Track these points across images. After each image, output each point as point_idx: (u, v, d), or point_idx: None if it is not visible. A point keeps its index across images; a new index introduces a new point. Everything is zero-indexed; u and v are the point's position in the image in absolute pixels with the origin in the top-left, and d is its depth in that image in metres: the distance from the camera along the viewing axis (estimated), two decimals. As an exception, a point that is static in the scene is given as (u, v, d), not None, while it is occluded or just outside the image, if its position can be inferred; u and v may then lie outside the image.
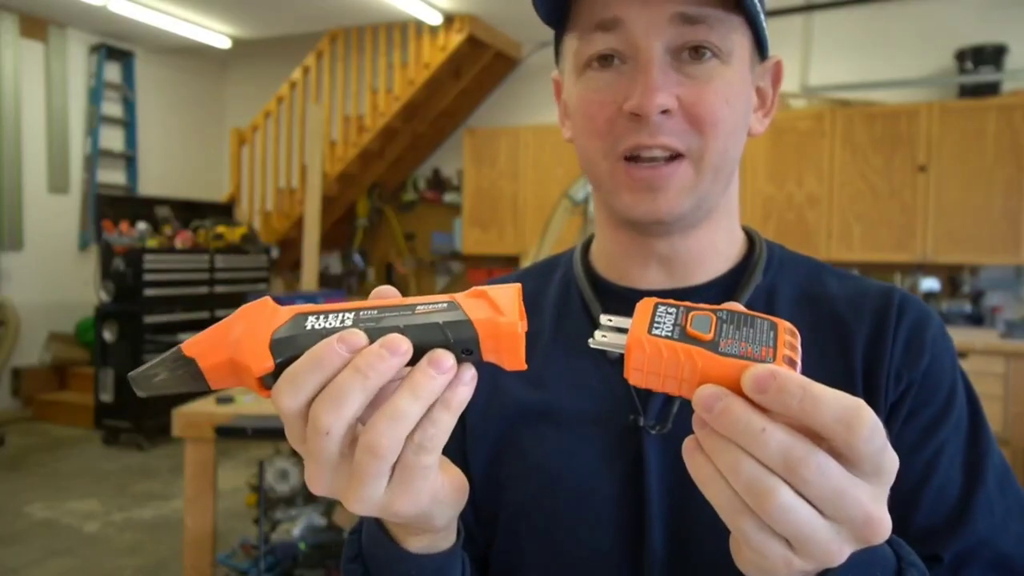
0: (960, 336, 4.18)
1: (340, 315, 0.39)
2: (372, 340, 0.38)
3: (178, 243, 5.53)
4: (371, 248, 6.82)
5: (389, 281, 6.73)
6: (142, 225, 5.42)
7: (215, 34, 6.21)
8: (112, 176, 6.54)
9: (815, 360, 0.62)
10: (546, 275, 0.76)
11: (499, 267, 6.16)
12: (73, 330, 6.07)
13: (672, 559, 0.61)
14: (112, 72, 6.54)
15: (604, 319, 0.42)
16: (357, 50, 6.00)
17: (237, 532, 3.32)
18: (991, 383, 4.00)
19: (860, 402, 0.35)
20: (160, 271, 5.27)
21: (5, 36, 5.66)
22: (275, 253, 6.21)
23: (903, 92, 4.92)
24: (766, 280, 0.68)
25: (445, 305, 0.40)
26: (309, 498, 2.88)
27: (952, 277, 4.85)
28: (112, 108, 6.54)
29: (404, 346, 0.38)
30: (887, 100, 4.89)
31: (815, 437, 0.36)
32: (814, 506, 0.36)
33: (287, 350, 0.39)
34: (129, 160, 6.68)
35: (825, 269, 0.71)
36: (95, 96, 6.33)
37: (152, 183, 6.71)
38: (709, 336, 0.38)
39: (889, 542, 0.48)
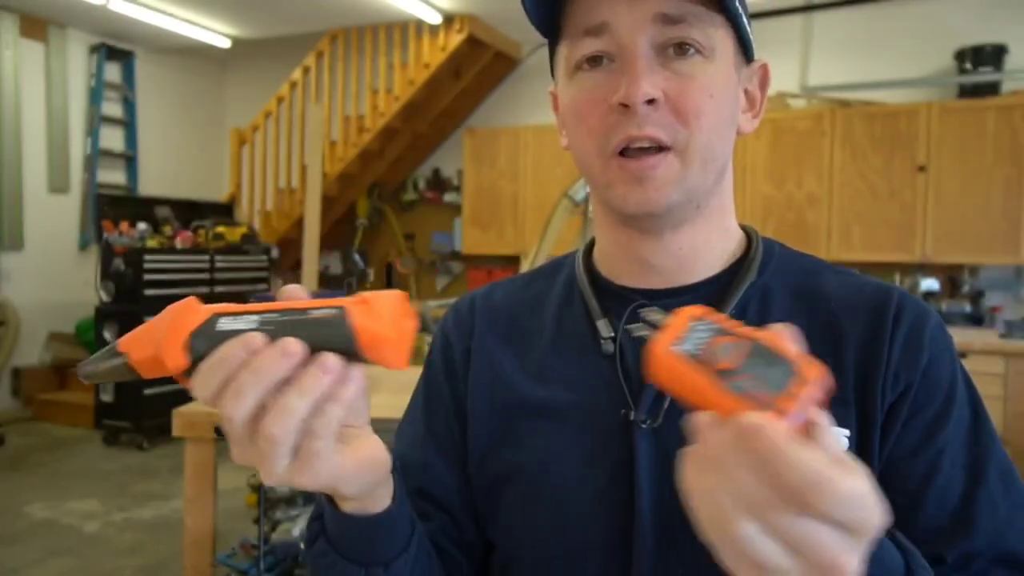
0: (960, 336, 4.17)
1: (247, 318, 0.45)
2: (271, 342, 0.44)
3: (178, 243, 5.53)
4: (371, 248, 6.82)
5: (389, 281, 6.75)
6: (142, 225, 5.42)
7: (215, 34, 6.21)
8: (112, 176, 6.54)
9: None
10: (552, 276, 0.79)
11: (499, 267, 6.16)
12: (73, 330, 6.07)
13: (660, 551, 0.63)
14: (112, 72, 6.53)
15: (646, 312, 0.45)
16: (357, 50, 6.00)
17: (237, 532, 3.32)
18: (991, 383, 4.00)
19: (833, 475, 0.36)
20: (160, 271, 5.27)
21: (5, 36, 5.66)
22: (275, 253, 6.21)
23: (903, 92, 4.92)
24: (762, 278, 0.69)
25: (335, 311, 0.45)
26: (309, 498, 2.88)
27: (952, 277, 4.85)
28: (112, 108, 6.54)
29: (294, 349, 0.43)
30: (887, 100, 4.89)
31: None
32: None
33: (199, 349, 0.45)
34: (129, 160, 6.68)
35: (825, 268, 0.72)
36: (95, 96, 6.33)
37: (152, 183, 6.70)
38: (727, 365, 0.39)
39: (900, 547, 0.49)
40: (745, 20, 0.65)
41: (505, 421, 0.71)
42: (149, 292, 5.19)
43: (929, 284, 4.83)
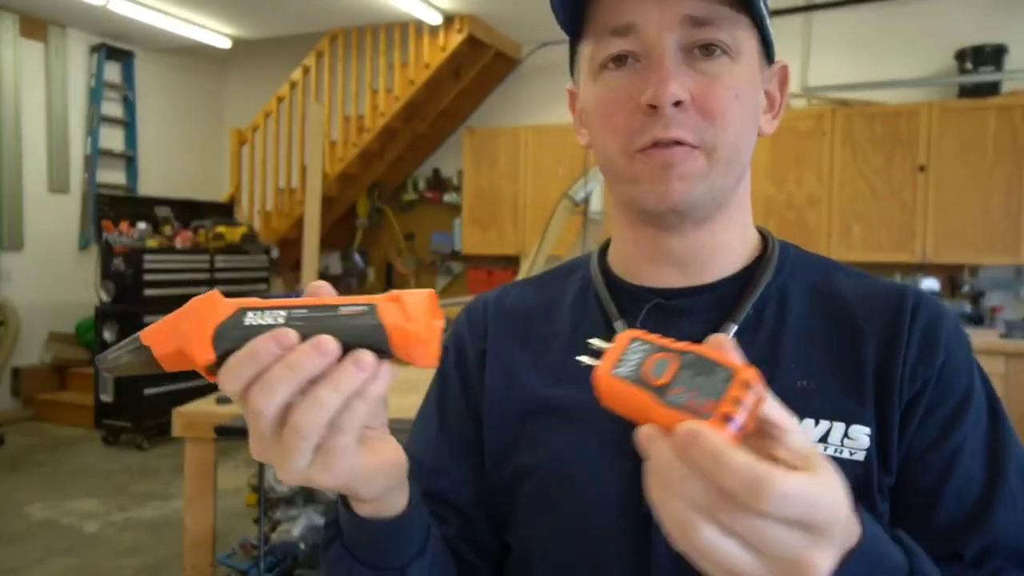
0: (960, 336, 4.17)
1: (275, 312, 0.45)
2: (302, 337, 0.44)
3: (178, 243, 5.53)
4: (371, 248, 6.82)
5: (389, 281, 6.75)
6: (142, 225, 5.42)
7: (215, 34, 6.21)
8: (112, 176, 6.54)
9: (825, 357, 0.65)
10: (565, 278, 0.79)
11: (499, 267, 6.16)
12: (73, 330, 6.07)
13: (679, 552, 0.62)
14: (112, 72, 6.54)
15: (593, 342, 0.46)
16: (357, 50, 6.00)
17: (237, 532, 3.32)
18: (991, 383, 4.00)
19: (771, 475, 0.36)
20: (160, 271, 5.27)
21: (5, 36, 5.66)
22: (275, 253, 6.21)
23: (903, 92, 4.92)
24: (779, 279, 0.69)
25: (365, 309, 0.45)
26: (309, 498, 2.88)
27: (952, 277, 4.85)
28: (112, 108, 6.54)
29: (331, 347, 0.43)
30: (887, 100, 4.89)
31: None
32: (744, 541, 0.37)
33: (227, 343, 0.44)
34: (129, 160, 6.68)
35: (839, 268, 0.72)
36: (95, 96, 6.33)
37: (152, 183, 6.70)
38: (662, 381, 0.41)
39: (904, 547, 0.48)
40: (768, 22, 0.65)
41: (521, 422, 0.71)
42: (149, 292, 5.19)
43: (929, 284, 4.82)
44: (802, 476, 0.37)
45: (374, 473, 0.51)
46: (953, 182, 4.58)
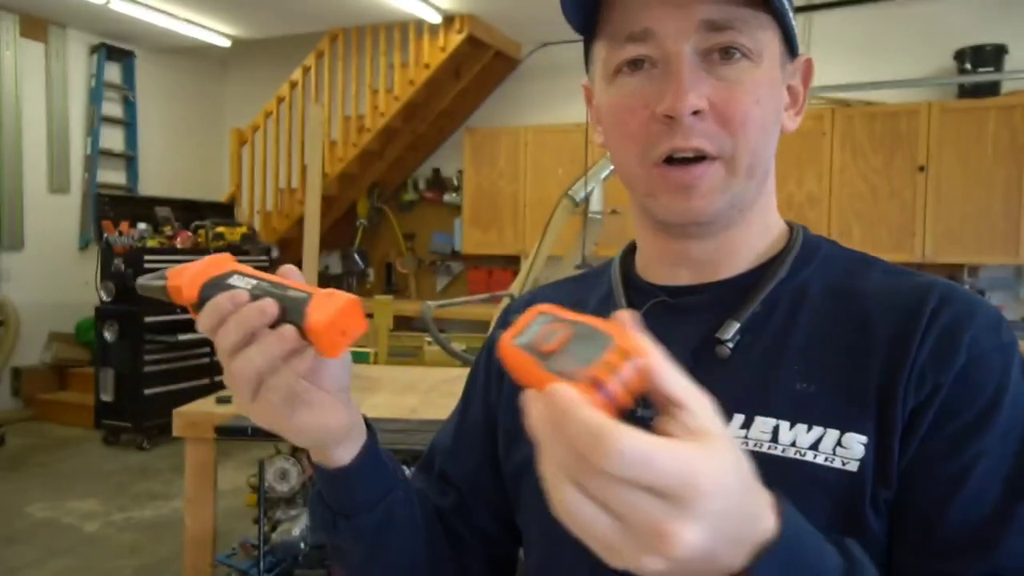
0: (960, 336, 4.17)
1: (250, 280, 0.56)
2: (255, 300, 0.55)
3: (178, 243, 5.53)
4: (371, 248, 6.82)
5: (389, 281, 6.75)
6: (142, 225, 5.42)
7: (215, 34, 6.21)
8: (112, 176, 6.54)
9: (832, 360, 0.61)
10: (598, 277, 0.81)
11: (499, 267, 6.16)
12: (73, 330, 6.07)
13: None
14: (112, 72, 6.53)
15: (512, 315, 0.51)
16: (357, 50, 6.00)
17: (237, 532, 3.31)
18: (991, 383, 4.00)
19: (612, 431, 0.35)
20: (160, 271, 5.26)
21: (5, 36, 5.66)
22: (275, 253, 6.20)
23: (903, 92, 4.92)
24: (799, 276, 0.66)
25: (304, 296, 0.54)
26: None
27: (952, 277, 4.85)
28: (112, 108, 6.54)
29: (271, 310, 0.53)
30: (887, 100, 4.89)
31: None
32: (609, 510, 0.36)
33: (208, 291, 0.56)
34: (129, 160, 6.68)
35: (873, 265, 0.68)
36: (95, 96, 6.33)
37: (152, 183, 6.70)
38: (550, 348, 0.42)
39: (845, 555, 0.46)
40: (791, 16, 0.62)
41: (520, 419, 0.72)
42: (149, 292, 5.18)
43: (929, 284, 4.82)
44: (655, 439, 0.35)
45: (307, 429, 0.60)
46: (953, 182, 4.58)
